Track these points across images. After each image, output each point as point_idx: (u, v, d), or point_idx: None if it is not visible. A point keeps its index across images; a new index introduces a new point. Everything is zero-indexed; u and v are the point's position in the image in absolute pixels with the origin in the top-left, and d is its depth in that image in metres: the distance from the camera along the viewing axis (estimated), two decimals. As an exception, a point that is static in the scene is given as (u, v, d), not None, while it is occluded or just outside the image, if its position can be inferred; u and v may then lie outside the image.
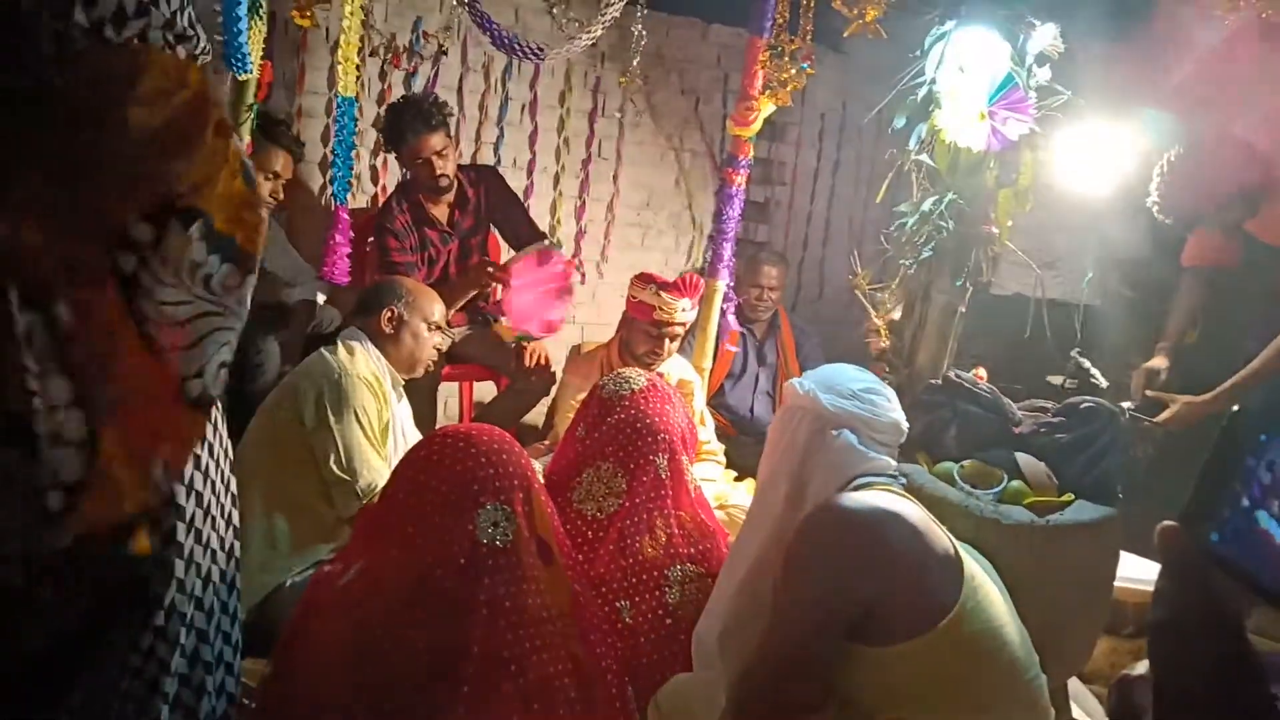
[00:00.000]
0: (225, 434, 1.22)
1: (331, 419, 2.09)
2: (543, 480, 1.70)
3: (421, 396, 2.86)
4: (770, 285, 3.59)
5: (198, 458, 1.14)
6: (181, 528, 1.12)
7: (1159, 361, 2.74)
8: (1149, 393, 2.59)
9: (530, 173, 3.94)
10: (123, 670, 1.12)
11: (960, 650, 1.40)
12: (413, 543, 1.26)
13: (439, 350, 2.43)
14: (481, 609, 1.22)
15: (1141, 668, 0.48)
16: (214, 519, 1.18)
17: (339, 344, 2.25)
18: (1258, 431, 0.46)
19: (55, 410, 0.95)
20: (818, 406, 1.59)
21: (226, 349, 1.06)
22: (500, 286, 3.12)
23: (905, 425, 1.66)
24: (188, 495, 1.13)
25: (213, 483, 1.17)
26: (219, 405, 1.21)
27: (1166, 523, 0.46)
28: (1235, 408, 0.47)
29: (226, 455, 1.22)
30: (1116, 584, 2.08)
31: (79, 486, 0.97)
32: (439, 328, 2.40)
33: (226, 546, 1.22)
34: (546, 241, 3.22)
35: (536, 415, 3.46)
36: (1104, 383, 2.80)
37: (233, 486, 1.24)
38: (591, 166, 4.09)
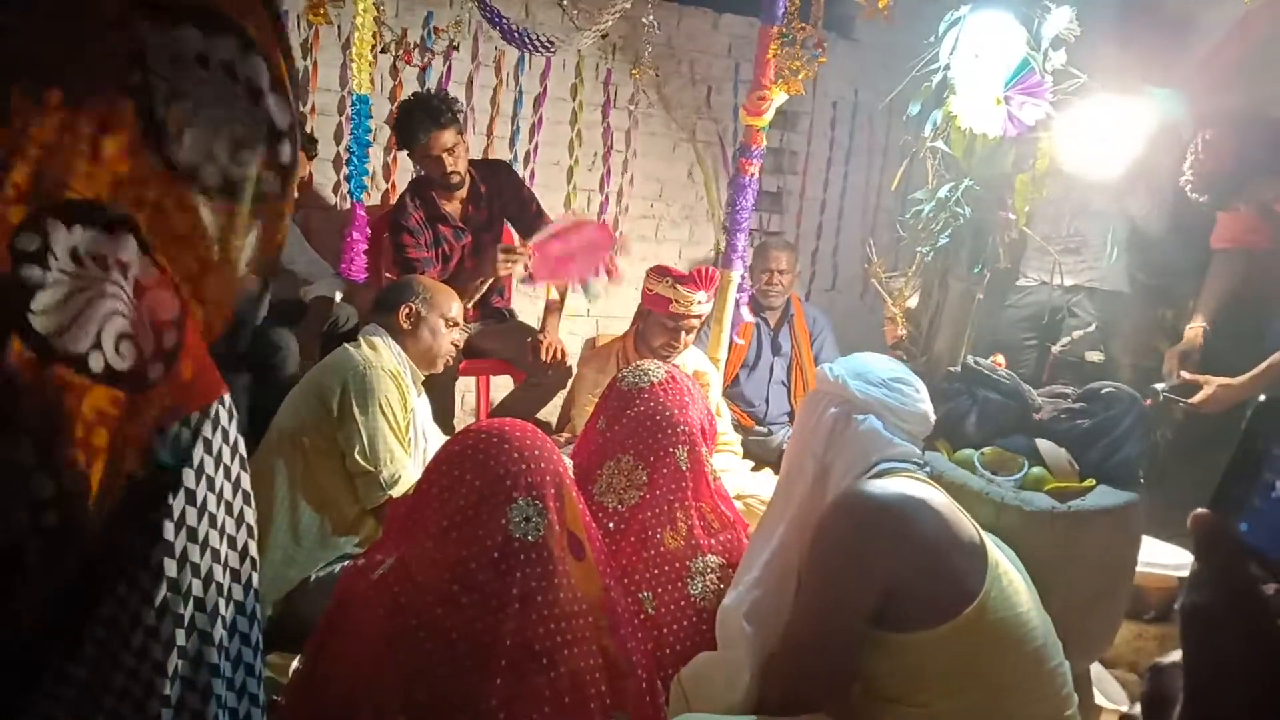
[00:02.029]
0: (233, 430, 1.20)
1: (357, 411, 2.11)
2: (566, 474, 1.70)
3: (439, 391, 2.87)
4: (780, 268, 3.59)
5: (188, 453, 1.12)
6: (170, 525, 1.09)
7: (1191, 343, 2.72)
8: (1184, 374, 2.57)
9: (529, 163, 3.93)
10: (115, 667, 1.09)
11: (985, 638, 1.40)
12: (446, 536, 1.27)
13: (456, 347, 2.45)
14: (514, 602, 1.23)
15: (1175, 655, 0.48)
16: (213, 516, 1.15)
17: (361, 339, 2.28)
18: None
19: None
20: (846, 392, 1.60)
21: (113, 319, 1.05)
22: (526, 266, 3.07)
23: (932, 417, 1.67)
24: (175, 493, 1.10)
25: (209, 479, 1.14)
26: (224, 403, 1.19)
27: (1200, 510, 0.46)
28: (1262, 396, 0.47)
29: (235, 452, 1.19)
30: (1138, 569, 2.08)
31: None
32: (456, 324, 2.41)
33: (239, 546, 1.19)
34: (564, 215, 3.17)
35: (550, 409, 3.47)
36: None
37: (244, 484, 1.21)
38: (606, 159, 4.09)
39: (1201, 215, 2.76)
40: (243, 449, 1.21)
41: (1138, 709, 0.52)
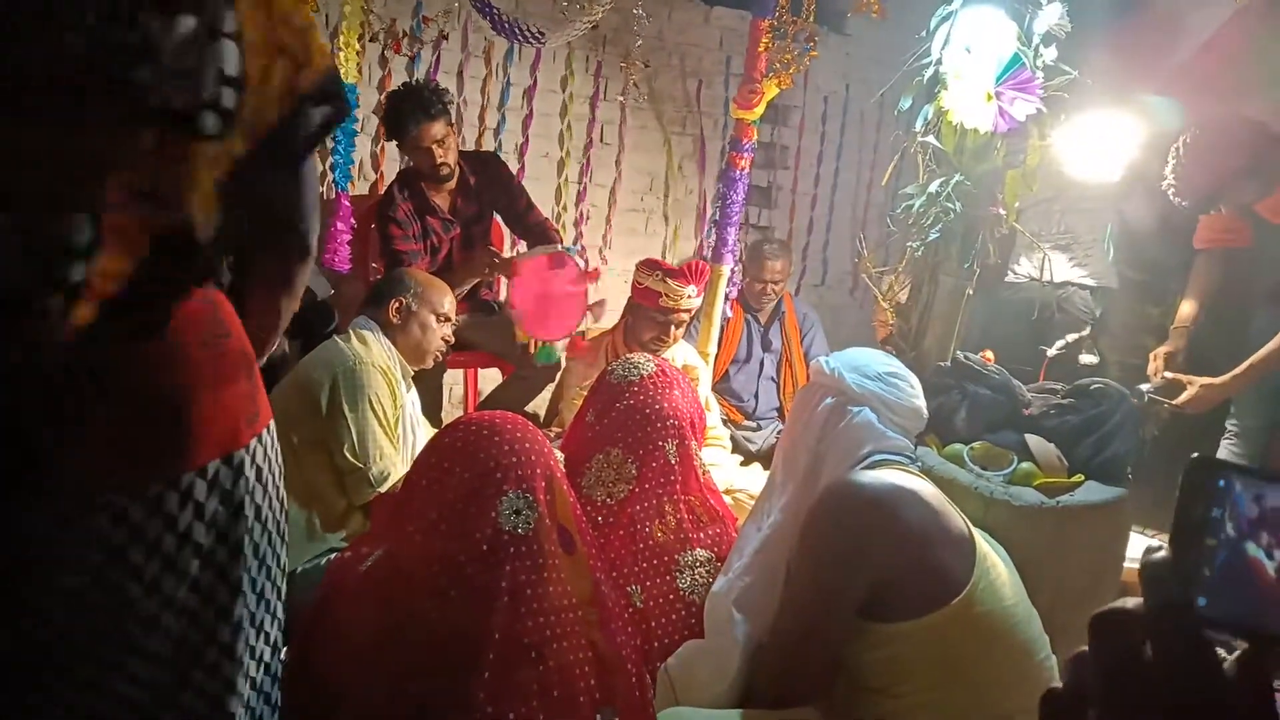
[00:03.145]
0: (275, 440, 1.19)
1: (346, 408, 2.09)
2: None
3: (426, 384, 2.85)
4: (774, 279, 3.55)
5: (259, 469, 1.12)
6: (249, 542, 1.10)
7: (1175, 344, 2.74)
8: (1167, 375, 2.59)
9: (522, 156, 3.91)
10: (184, 685, 1.08)
11: (971, 629, 1.41)
12: (435, 529, 1.26)
13: (447, 342, 2.42)
14: (503, 596, 1.22)
15: None
16: (270, 534, 1.15)
17: (351, 332, 2.25)
18: (1214, 479, 0.45)
19: None
20: (842, 384, 1.61)
21: None
22: (505, 279, 3.11)
23: (925, 413, 1.67)
24: (248, 510, 1.10)
25: (270, 498, 1.14)
26: (269, 422, 1.17)
27: (1156, 552, 0.45)
28: (1195, 454, 0.46)
29: (278, 462, 1.18)
30: (1125, 565, 2.09)
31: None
32: (448, 320, 2.39)
33: (280, 562, 1.19)
34: (561, 246, 3.18)
35: (539, 403, 3.46)
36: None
37: (283, 493, 1.20)
38: (594, 152, 4.06)
39: (1189, 213, 2.77)
40: (280, 458, 1.20)
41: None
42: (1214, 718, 0.41)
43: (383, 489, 2.10)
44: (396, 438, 2.20)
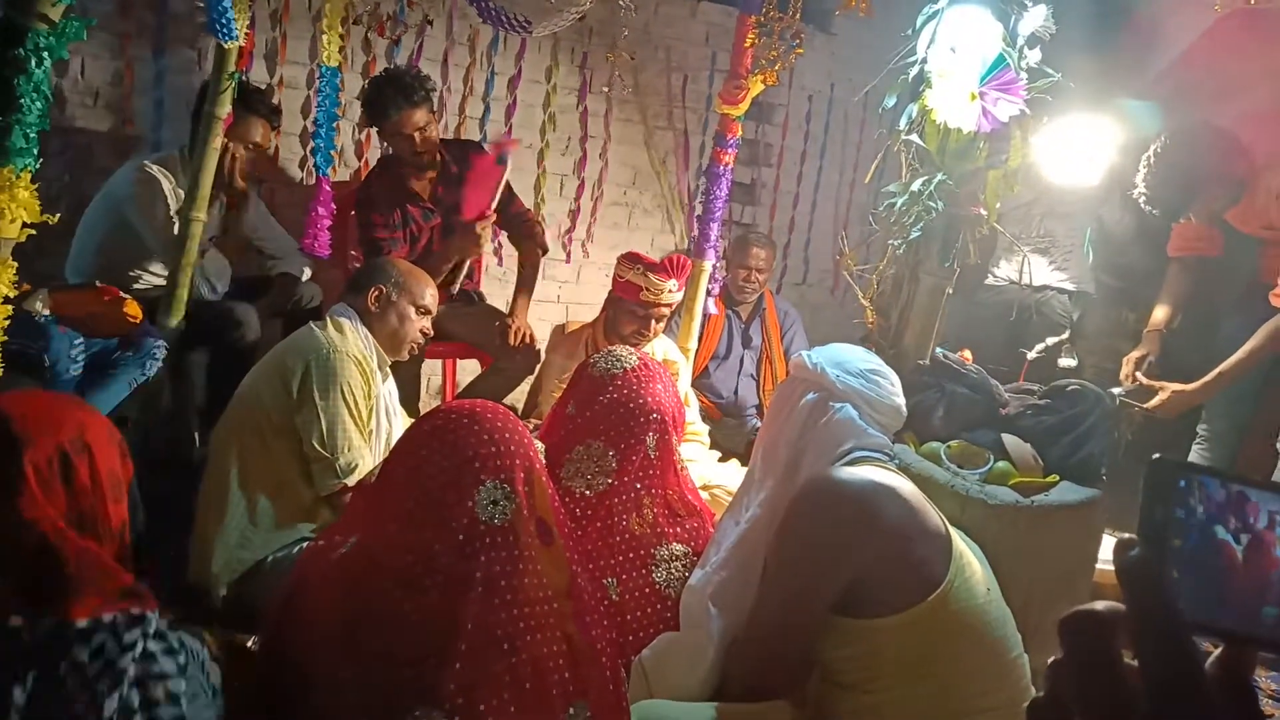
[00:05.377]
0: None
1: (317, 395, 2.05)
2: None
3: (404, 374, 2.82)
4: (758, 267, 3.57)
5: None
6: None
7: (1148, 348, 2.77)
8: (1140, 379, 2.62)
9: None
10: None
11: (946, 626, 1.41)
12: (411, 518, 1.24)
13: (426, 334, 2.39)
14: (477, 587, 1.21)
15: None
16: None
17: (328, 320, 2.21)
18: (1174, 480, 0.46)
19: None
20: (824, 380, 1.61)
21: None
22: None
23: (905, 411, 1.68)
24: None
25: None
26: None
27: (1131, 549, 0.45)
28: (1155, 455, 0.46)
29: None
30: (1098, 566, 2.11)
31: None
32: (428, 312, 2.36)
33: None
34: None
35: (517, 395, 3.44)
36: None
37: None
38: (581, 144, 4.04)
39: (1162, 221, 2.81)
40: None
41: None
42: (1199, 718, 0.41)
43: (349, 480, 2.07)
44: (368, 429, 2.16)
